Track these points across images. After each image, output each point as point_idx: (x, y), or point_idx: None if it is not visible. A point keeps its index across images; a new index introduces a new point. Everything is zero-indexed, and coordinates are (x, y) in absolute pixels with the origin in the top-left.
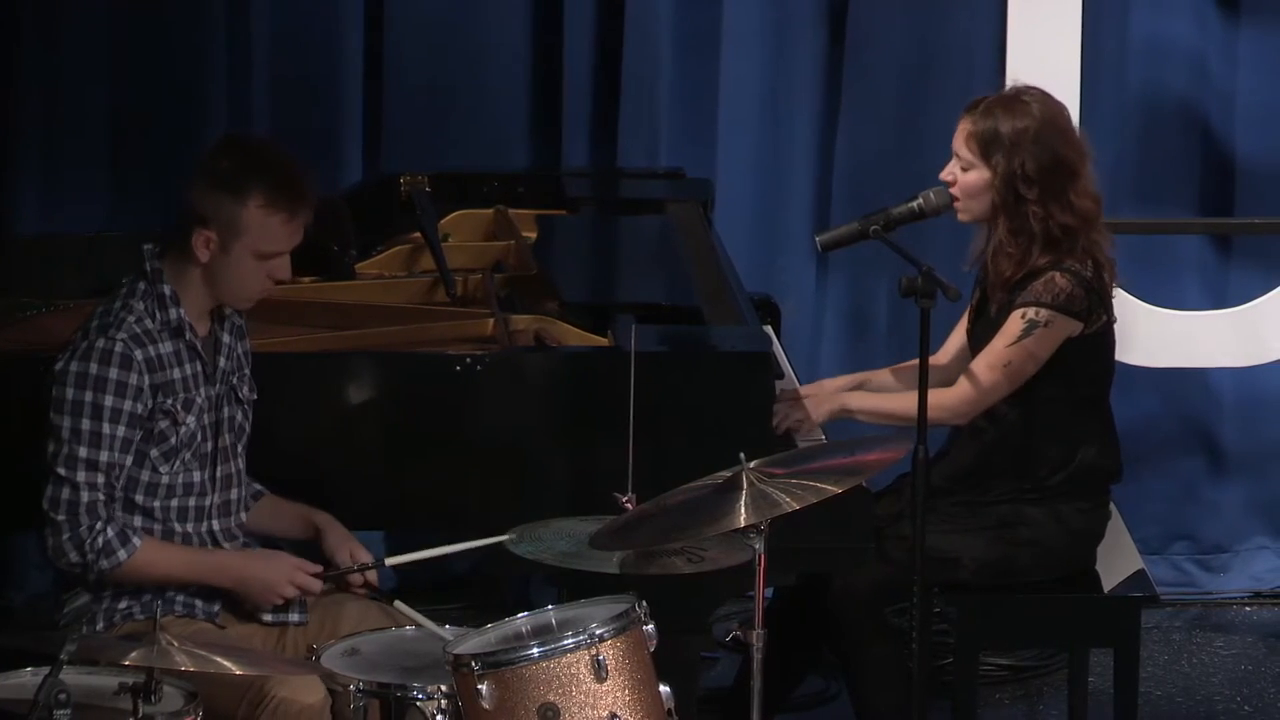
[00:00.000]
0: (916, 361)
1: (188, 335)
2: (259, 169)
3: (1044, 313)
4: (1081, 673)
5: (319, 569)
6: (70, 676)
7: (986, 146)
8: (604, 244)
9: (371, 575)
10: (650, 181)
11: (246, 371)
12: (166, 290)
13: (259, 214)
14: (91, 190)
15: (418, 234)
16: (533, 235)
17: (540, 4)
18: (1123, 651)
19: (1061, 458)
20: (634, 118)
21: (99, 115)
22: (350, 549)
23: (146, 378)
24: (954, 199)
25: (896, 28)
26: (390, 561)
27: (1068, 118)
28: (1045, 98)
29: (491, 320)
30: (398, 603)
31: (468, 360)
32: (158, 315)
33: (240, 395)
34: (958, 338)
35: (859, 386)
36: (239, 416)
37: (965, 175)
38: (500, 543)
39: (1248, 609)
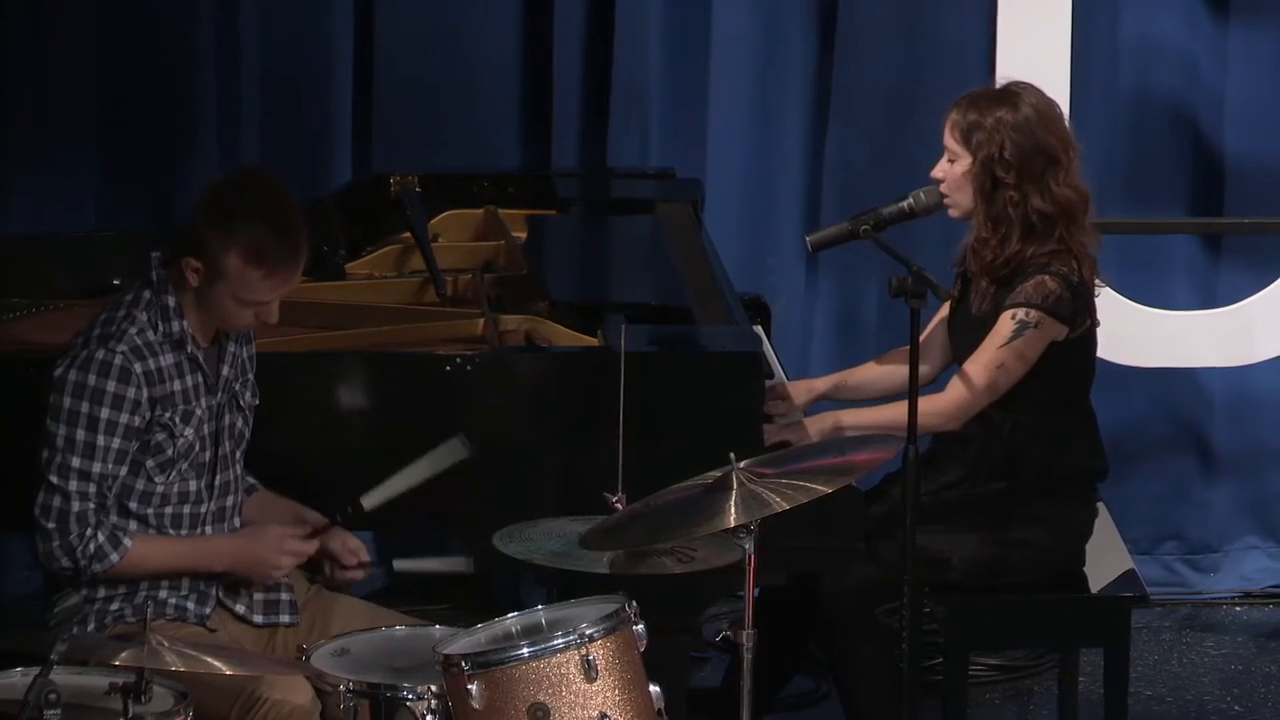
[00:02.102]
0: (896, 351)
1: (189, 348)
2: (250, 217)
3: (1034, 313)
4: (1071, 673)
5: (307, 530)
6: (61, 676)
7: (968, 134)
8: (594, 244)
9: (358, 570)
10: (640, 182)
11: (250, 377)
12: (170, 301)
13: (237, 263)
14: (80, 191)
15: (408, 234)
16: (523, 235)
17: (530, 4)
18: (1113, 652)
19: (1047, 458)
20: (624, 118)
21: (88, 115)
22: (342, 542)
23: (145, 391)
24: (944, 197)
25: (886, 28)
26: (366, 502)
27: (1057, 112)
28: (1035, 91)
29: (481, 320)
30: (397, 561)
31: (458, 360)
32: (160, 327)
33: (242, 402)
34: (933, 322)
35: (840, 384)
36: (239, 423)
37: (952, 167)
38: (461, 460)
39: (1238, 609)
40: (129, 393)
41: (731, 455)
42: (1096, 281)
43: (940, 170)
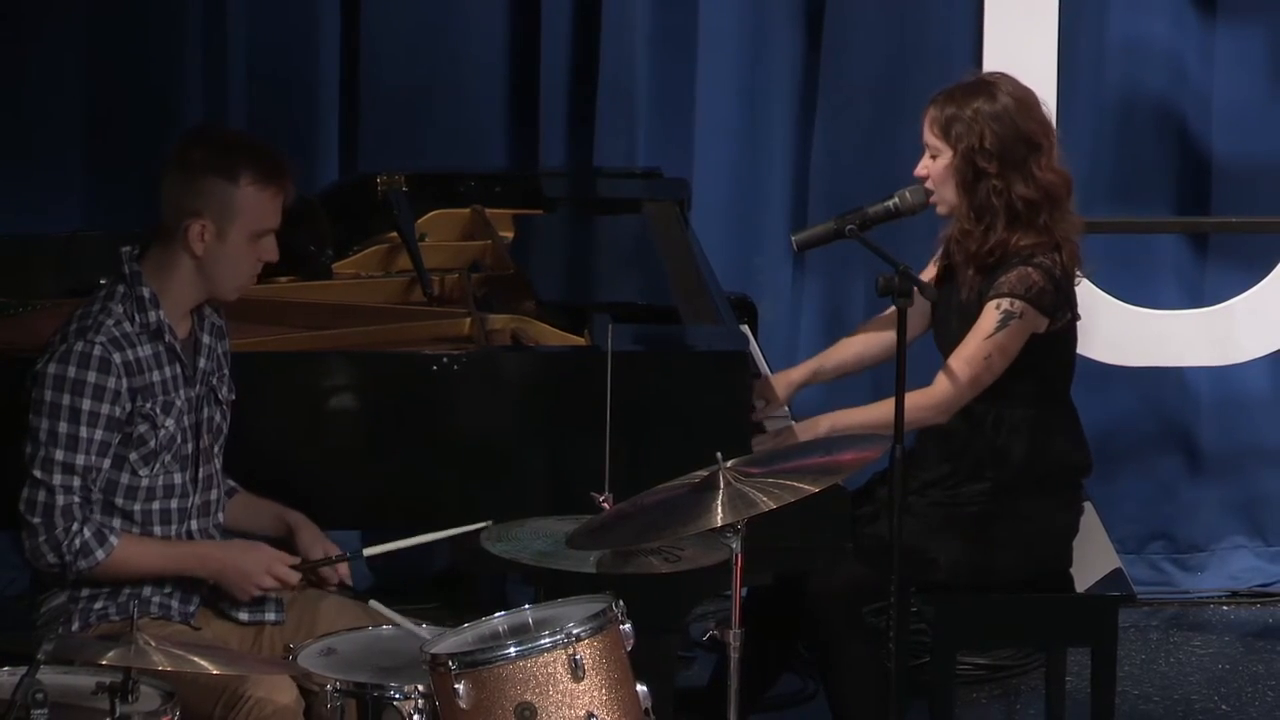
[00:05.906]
0: (867, 323)
1: (167, 337)
2: (241, 150)
3: (1018, 304)
4: (1059, 672)
5: (296, 560)
6: (47, 676)
7: (948, 127)
8: (581, 244)
9: (345, 568)
10: (627, 181)
11: (225, 372)
12: (146, 292)
13: (252, 191)
14: (66, 190)
15: (394, 234)
16: (510, 235)
17: (518, 4)
18: (1100, 651)
19: (1031, 455)
20: (611, 118)
21: (73, 115)
22: (323, 548)
23: (125, 381)
24: (930, 194)
25: (873, 28)
26: (367, 552)
27: (1034, 98)
28: (1010, 80)
29: (468, 320)
30: (373, 602)
31: (445, 360)
32: (136, 318)
33: (219, 396)
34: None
35: (818, 369)
36: (217, 417)
37: (935, 163)
38: (477, 531)
39: (1225, 608)
40: (109, 383)
41: (718, 454)
42: (1077, 273)
43: (923, 168)
